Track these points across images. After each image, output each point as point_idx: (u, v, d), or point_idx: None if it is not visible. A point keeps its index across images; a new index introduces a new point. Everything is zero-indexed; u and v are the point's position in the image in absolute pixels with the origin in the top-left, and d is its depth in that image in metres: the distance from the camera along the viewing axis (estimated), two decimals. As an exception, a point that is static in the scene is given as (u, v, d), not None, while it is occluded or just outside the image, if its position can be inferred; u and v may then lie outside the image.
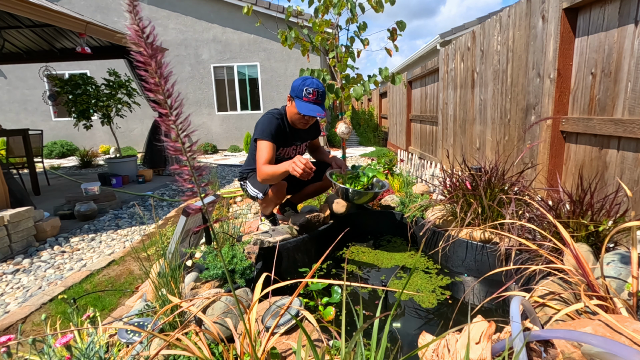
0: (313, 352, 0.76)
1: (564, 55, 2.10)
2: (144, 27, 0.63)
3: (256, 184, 2.28)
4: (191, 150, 0.72)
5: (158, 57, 0.65)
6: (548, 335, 0.85)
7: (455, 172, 2.26)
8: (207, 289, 1.52)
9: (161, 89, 0.66)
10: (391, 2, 2.90)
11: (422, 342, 1.09)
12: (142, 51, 0.63)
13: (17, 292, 2.20)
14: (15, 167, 4.87)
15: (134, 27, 0.62)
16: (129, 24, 0.62)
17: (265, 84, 9.38)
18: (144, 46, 0.63)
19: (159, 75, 0.65)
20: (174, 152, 0.70)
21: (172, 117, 0.68)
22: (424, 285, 1.87)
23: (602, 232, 1.46)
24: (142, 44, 0.63)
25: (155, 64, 0.64)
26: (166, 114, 0.68)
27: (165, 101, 0.67)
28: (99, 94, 5.29)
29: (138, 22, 0.62)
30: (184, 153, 0.71)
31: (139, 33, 0.63)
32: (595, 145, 1.94)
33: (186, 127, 0.70)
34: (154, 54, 0.64)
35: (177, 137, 0.69)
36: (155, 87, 0.65)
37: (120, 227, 3.47)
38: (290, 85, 2.31)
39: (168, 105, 0.67)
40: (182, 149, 0.70)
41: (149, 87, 0.65)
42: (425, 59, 9.17)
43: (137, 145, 9.82)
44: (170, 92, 0.67)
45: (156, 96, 0.66)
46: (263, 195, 2.24)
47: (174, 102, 0.68)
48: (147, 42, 0.63)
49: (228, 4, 8.85)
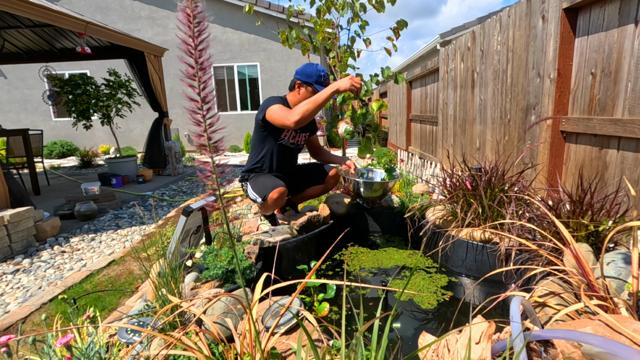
0: (314, 352, 0.76)
1: (564, 55, 2.10)
2: (198, 12, 0.64)
3: (256, 188, 2.24)
4: (216, 148, 0.71)
5: (202, 47, 0.66)
6: (548, 335, 0.85)
7: (455, 172, 2.26)
8: (207, 289, 1.52)
9: (198, 80, 0.66)
10: (392, 2, 2.90)
11: (422, 342, 1.09)
12: (190, 37, 0.65)
13: (17, 292, 2.20)
14: (15, 167, 4.86)
15: (187, 11, 0.64)
16: (182, 5, 0.64)
17: (265, 84, 9.38)
18: (192, 30, 0.64)
19: (199, 65, 0.65)
20: (199, 147, 0.70)
21: (203, 111, 0.68)
22: (425, 286, 1.87)
23: (602, 232, 1.46)
24: (191, 28, 0.64)
25: (198, 52, 0.65)
26: (198, 107, 0.67)
27: (199, 93, 0.67)
28: (99, 94, 5.29)
29: (193, 6, 0.64)
30: (209, 149, 0.70)
31: (190, 18, 0.64)
32: (595, 145, 1.94)
33: (214, 123, 0.70)
34: (200, 42, 0.65)
35: (204, 132, 0.69)
36: (193, 77, 0.66)
37: (120, 227, 3.47)
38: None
39: (201, 97, 0.67)
40: (207, 144, 0.70)
41: (188, 75, 0.66)
42: (425, 59, 9.16)
43: (137, 145, 9.82)
44: (207, 84, 0.67)
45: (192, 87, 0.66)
46: (262, 200, 2.19)
47: (207, 95, 0.68)
48: (195, 24, 0.64)
49: (228, 4, 8.85)
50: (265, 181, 2.22)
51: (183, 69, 0.66)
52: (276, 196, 2.11)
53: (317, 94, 2.00)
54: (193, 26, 0.64)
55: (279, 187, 2.13)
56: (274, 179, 2.23)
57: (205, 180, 0.72)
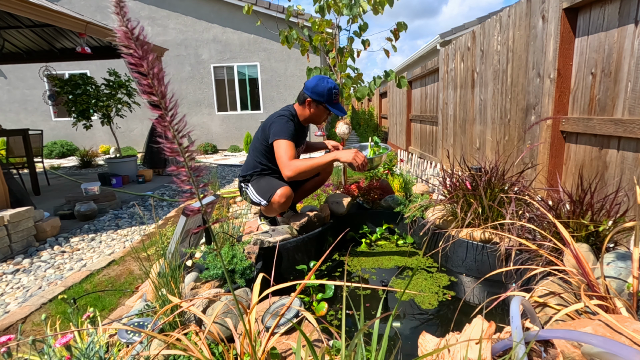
0: (312, 353, 0.76)
1: (564, 55, 2.10)
2: (132, 28, 0.61)
3: (260, 190, 2.22)
4: (188, 151, 0.71)
5: (150, 57, 0.63)
6: (548, 335, 0.85)
7: (456, 172, 2.26)
8: (207, 289, 1.52)
9: (155, 90, 0.65)
10: (390, 4, 2.90)
11: (422, 342, 1.09)
12: (133, 52, 0.62)
13: (17, 292, 2.20)
14: (15, 167, 4.87)
15: (122, 29, 0.61)
16: (117, 25, 0.61)
17: (265, 84, 9.38)
18: (134, 47, 0.61)
19: (151, 77, 0.64)
20: (171, 153, 0.69)
21: (168, 118, 0.67)
22: (427, 287, 1.87)
23: (602, 232, 1.46)
24: (132, 45, 0.61)
25: (147, 65, 0.63)
26: (161, 115, 0.67)
27: (160, 102, 0.66)
28: (99, 94, 5.29)
29: (126, 23, 0.61)
30: (181, 154, 0.70)
31: (127, 34, 0.61)
32: (595, 145, 1.94)
33: (182, 128, 0.69)
34: (145, 55, 0.63)
35: (173, 138, 0.68)
36: (149, 88, 0.64)
37: (120, 227, 3.47)
38: (290, 84, 2.33)
39: (163, 106, 0.66)
40: (179, 149, 0.69)
41: (142, 88, 0.64)
42: (425, 59, 9.16)
43: (137, 145, 9.82)
44: (164, 93, 0.66)
45: (150, 97, 0.65)
46: (267, 202, 2.17)
47: (168, 102, 0.67)
48: (137, 43, 0.62)
49: (228, 4, 8.85)
50: (270, 182, 2.20)
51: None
52: (283, 200, 2.10)
53: (318, 160, 2.02)
54: (134, 41, 0.62)
55: (284, 190, 2.10)
56: (277, 180, 2.23)
57: (182, 185, 0.72)
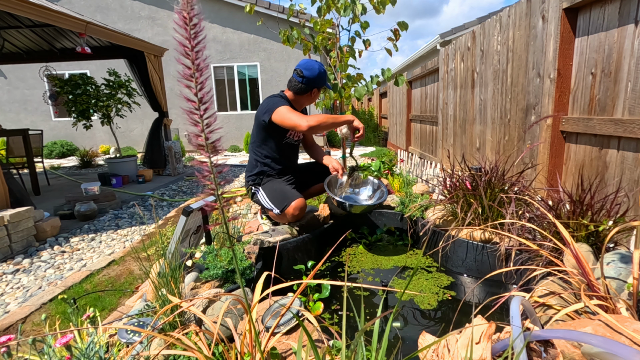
0: (314, 352, 0.76)
1: (564, 55, 2.10)
2: (192, 15, 0.64)
3: (274, 197, 2.17)
4: (215, 148, 0.71)
5: (199, 47, 0.66)
6: (548, 335, 0.85)
7: (456, 172, 2.26)
8: (207, 289, 1.52)
9: (195, 81, 0.66)
10: (392, 3, 2.90)
11: (422, 341, 1.09)
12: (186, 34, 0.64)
13: (17, 292, 2.20)
14: (15, 167, 4.87)
15: (183, 13, 0.64)
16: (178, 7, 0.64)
17: (265, 84, 9.38)
18: (188, 32, 0.64)
19: (196, 67, 0.65)
20: (197, 147, 0.70)
21: (200, 111, 0.68)
22: (427, 287, 1.87)
23: (602, 232, 1.46)
24: (187, 30, 0.64)
25: (195, 53, 0.65)
26: (195, 107, 0.67)
27: (197, 93, 0.67)
28: (99, 94, 5.29)
29: (189, 9, 0.64)
30: (206, 149, 0.70)
31: (186, 20, 0.64)
32: (595, 145, 1.94)
33: (212, 123, 0.70)
34: (196, 45, 0.65)
35: (201, 132, 0.69)
36: (190, 78, 0.66)
37: (120, 227, 3.47)
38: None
39: (198, 98, 0.67)
40: (205, 144, 0.70)
41: (184, 74, 0.66)
42: (425, 59, 9.16)
43: (137, 145, 9.82)
44: (204, 85, 0.67)
45: (189, 87, 0.66)
46: (280, 212, 2.13)
47: (204, 95, 0.68)
48: (192, 26, 0.64)
49: (228, 4, 8.85)
50: (283, 190, 2.19)
51: (181, 69, 0.66)
52: (297, 213, 2.10)
53: (336, 117, 2.10)
54: (189, 28, 0.64)
55: (299, 202, 2.10)
56: (290, 188, 2.22)
57: (203, 181, 0.72)
